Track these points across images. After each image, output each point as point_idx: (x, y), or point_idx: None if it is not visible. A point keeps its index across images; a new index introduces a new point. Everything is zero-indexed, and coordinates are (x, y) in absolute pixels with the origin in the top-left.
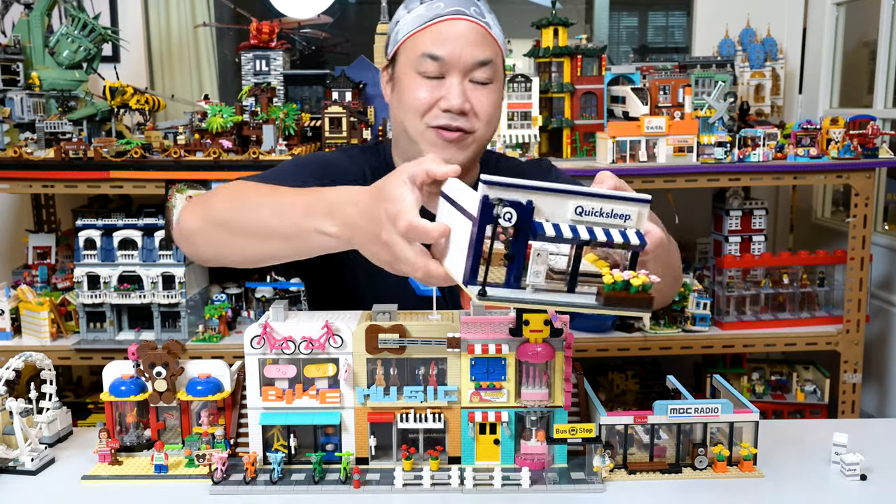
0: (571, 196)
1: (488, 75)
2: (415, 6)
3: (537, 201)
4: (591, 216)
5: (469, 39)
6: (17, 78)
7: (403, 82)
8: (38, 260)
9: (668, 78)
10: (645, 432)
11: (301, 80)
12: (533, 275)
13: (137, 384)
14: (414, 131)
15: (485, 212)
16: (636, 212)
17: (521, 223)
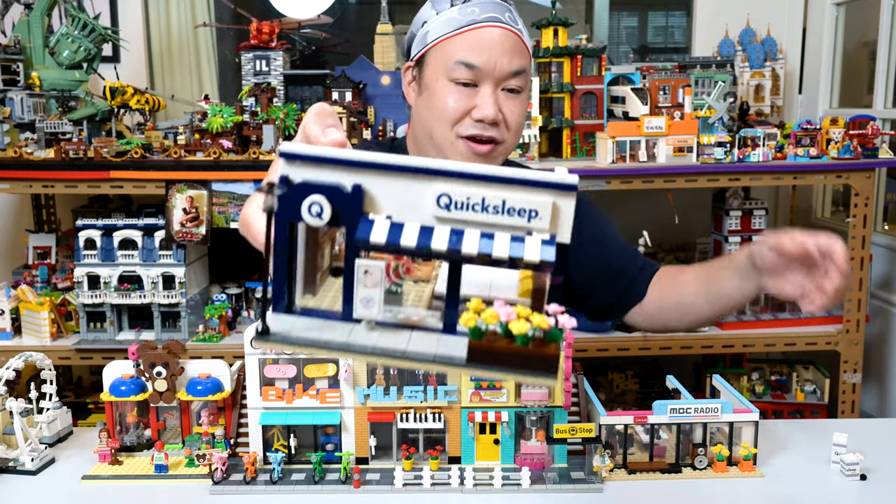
0: (432, 177)
1: (521, 84)
2: (444, 8)
3: (371, 185)
4: (464, 210)
5: (504, 48)
6: (17, 78)
7: (434, 88)
8: (38, 260)
9: (667, 78)
10: (645, 432)
11: (301, 80)
12: (362, 304)
13: (137, 384)
14: (443, 140)
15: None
16: (548, 204)
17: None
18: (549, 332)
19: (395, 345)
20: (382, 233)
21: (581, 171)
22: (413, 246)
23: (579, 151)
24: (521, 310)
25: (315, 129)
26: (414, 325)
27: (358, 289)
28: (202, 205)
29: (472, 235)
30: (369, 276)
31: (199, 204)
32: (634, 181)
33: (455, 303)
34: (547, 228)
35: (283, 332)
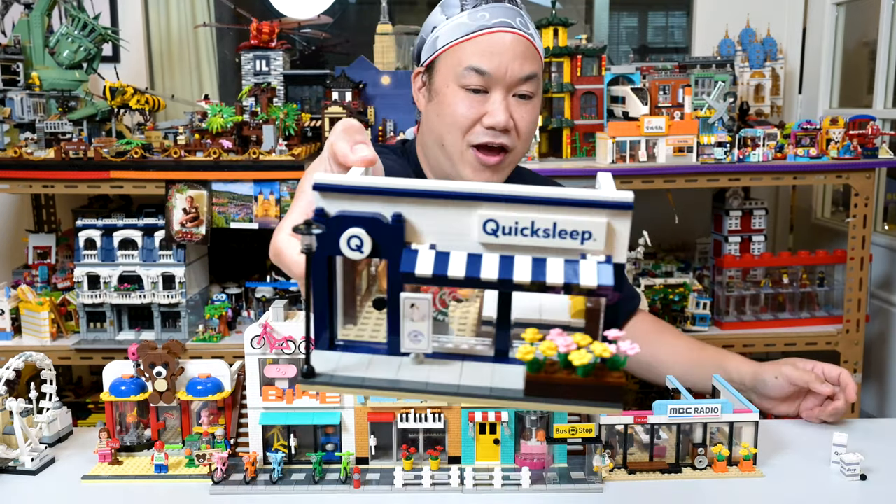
0: (476, 202)
1: (532, 89)
2: (454, 13)
3: (411, 213)
4: (512, 235)
5: (515, 53)
6: (17, 78)
7: (444, 95)
8: (38, 260)
9: (667, 78)
10: (645, 432)
11: (301, 81)
12: (409, 338)
13: (137, 384)
14: (453, 149)
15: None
16: (602, 225)
17: (385, 252)
18: (610, 361)
19: (447, 379)
20: (428, 264)
21: (581, 171)
22: (462, 277)
23: (579, 151)
24: (579, 338)
25: (343, 147)
26: (464, 354)
27: (405, 323)
28: (202, 205)
29: (523, 262)
30: (416, 311)
31: (199, 204)
32: (634, 181)
33: (507, 329)
34: (602, 250)
35: (329, 373)
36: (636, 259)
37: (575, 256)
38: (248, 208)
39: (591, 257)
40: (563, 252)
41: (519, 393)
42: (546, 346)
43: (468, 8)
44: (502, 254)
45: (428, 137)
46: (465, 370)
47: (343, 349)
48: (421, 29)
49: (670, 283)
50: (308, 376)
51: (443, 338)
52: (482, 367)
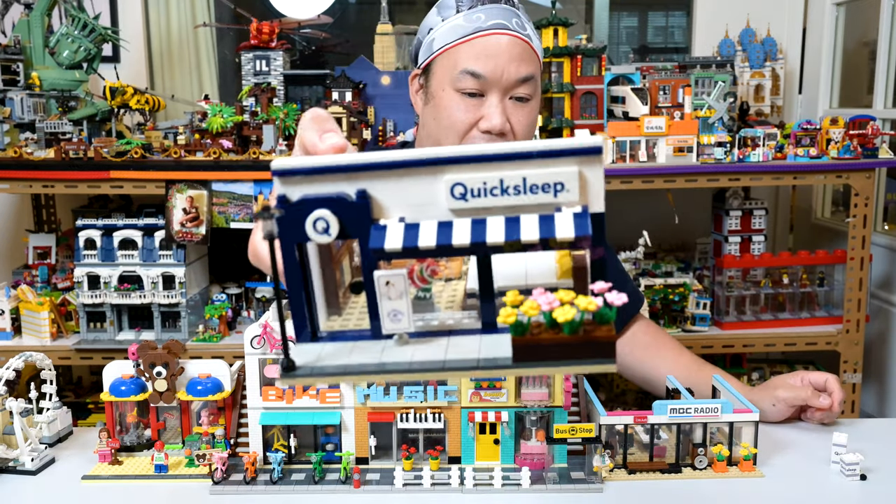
0: (441, 167)
1: (529, 91)
2: (450, 14)
3: (376, 188)
4: (482, 197)
5: (512, 55)
6: (17, 78)
7: (440, 98)
8: (38, 260)
9: (667, 78)
10: (645, 432)
11: (301, 80)
12: (389, 318)
13: (137, 384)
14: None
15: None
16: (574, 174)
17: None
18: (598, 314)
19: (432, 356)
20: (398, 237)
21: None
22: (433, 245)
23: None
24: (563, 294)
25: (312, 136)
26: (450, 329)
27: (382, 303)
28: (202, 205)
29: (496, 223)
30: (392, 288)
31: (199, 204)
32: (634, 181)
33: (490, 298)
34: (577, 200)
35: (310, 364)
36: (636, 259)
37: (550, 211)
38: (249, 208)
39: (567, 209)
40: (537, 208)
41: (507, 360)
42: (528, 305)
43: (464, 9)
44: (474, 217)
45: (425, 141)
46: (451, 345)
47: (326, 340)
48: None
49: (670, 283)
50: (288, 370)
51: (428, 315)
52: (469, 341)
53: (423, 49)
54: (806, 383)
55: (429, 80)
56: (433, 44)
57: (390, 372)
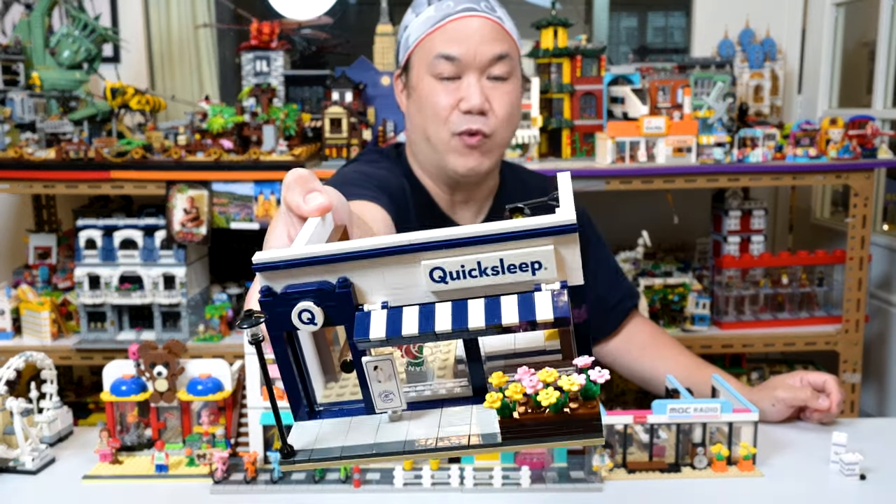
0: (417, 253)
1: (506, 70)
2: (423, 9)
3: (357, 274)
4: (461, 279)
5: (482, 36)
6: (17, 78)
7: (420, 88)
8: (38, 260)
9: (667, 78)
10: (644, 432)
11: (301, 81)
12: (381, 399)
13: (138, 384)
14: (437, 140)
15: (272, 318)
16: (550, 252)
17: (338, 319)
18: (582, 391)
19: (426, 434)
20: (381, 327)
21: (580, 171)
22: (416, 333)
23: (579, 152)
24: (546, 375)
25: (296, 198)
26: (443, 399)
27: (373, 385)
28: (203, 205)
29: (477, 307)
30: (381, 372)
31: (199, 204)
32: (634, 181)
33: (480, 371)
34: (555, 277)
35: (309, 447)
36: (636, 259)
37: (529, 288)
38: (249, 208)
39: (546, 287)
40: (516, 286)
41: (497, 437)
42: (513, 389)
43: (435, 1)
44: (455, 299)
45: (414, 135)
46: (444, 418)
47: (324, 416)
48: None
49: (670, 283)
50: (287, 456)
51: (420, 386)
52: (461, 413)
53: (402, 47)
54: (805, 384)
55: (409, 75)
56: (409, 39)
57: (386, 455)
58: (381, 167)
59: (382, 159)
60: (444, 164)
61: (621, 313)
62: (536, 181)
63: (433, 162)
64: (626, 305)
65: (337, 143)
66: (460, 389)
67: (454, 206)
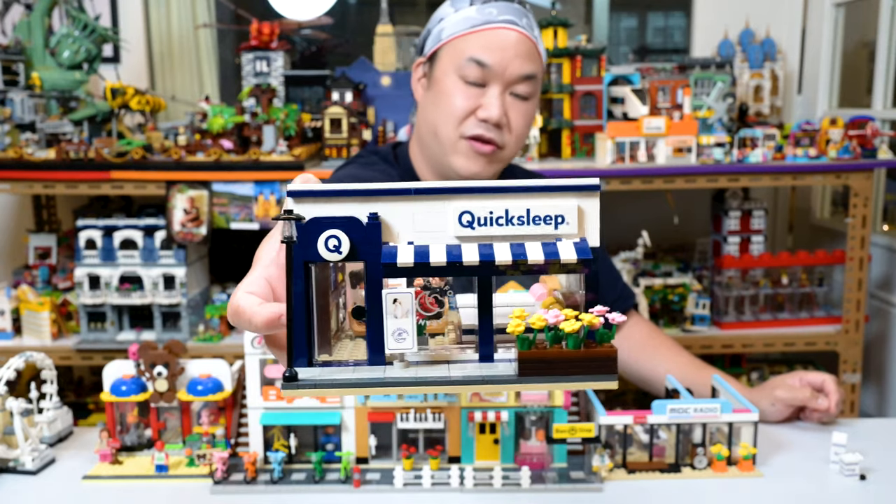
0: (450, 196)
1: (530, 90)
2: (463, 6)
3: (387, 213)
4: (488, 226)
5: (518, 51)
6: (17, 78)
7: (443, 84)
8: (38, 260)
9: (667, 79)
10: (644, 432)
11: (301, 81)
12: (394, 337)
13: (138, 384)
14: (446, 138)
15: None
16: (573, 208)
17: (363, 252)
18: (598, 334)
19: (437, 374)
20: (409, 254)
21: (580, 171)
22: (444, 262)
23: (579, 152)
24: (568, 312)
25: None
26: (448, 359)
27: (388, 321)
28: (203, 205)
29: (503, 246)
30: (399, 306)
31: (199, 204)
32: (634, 182)
33: (489, 327)
34: (576, 233)
35: (313, 378)
36: (636, 259)
37: (551, 241)
38: (249, 209)
39: (567, 240)
40: (538, 238)
41: (513, 376)
42: (536, 318)
43: (477, 3)
44: (480, 242)
45: (423, 127)
46: (453, 369)
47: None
48: (424, 27)
49: (670, 284)
50: (290, 380)
51: (425, 347)
52: (469, 366)
53: (432, 37)
54: (804, 384)
55: (434, 67)
56: (442, 32)
57: (395, 385)
58: (377, 169)
59: (378, 161)
60: (447, 163)
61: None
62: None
63: (437, 158)
64: (624, 305)
65: (337, 144)
66: (466, 353)
67: None
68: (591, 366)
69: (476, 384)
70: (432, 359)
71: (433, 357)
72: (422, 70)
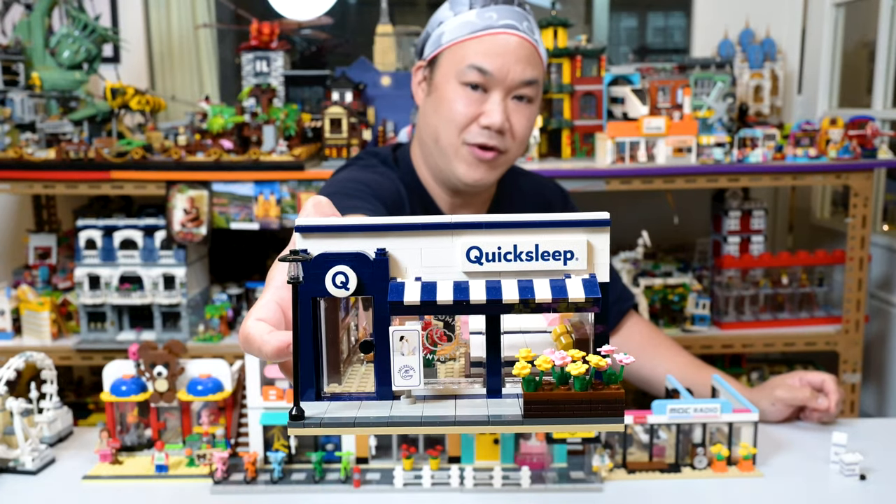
0: (457, 231)
1: (531, 94)
2: (462, 10)
3: (394, 248)
4: (496, 262)
5: (519, 56)
6: (17, 78)
7: (444, 90)
8: (38, 260)
9: (667, 79)
10: (644, 432)
11: (301, 81)
12: (400, 374)
13: (138, 384)
14: (447, 144)
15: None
16: (582, 243)
17: (370, 288)
18: (606, 374)
19: (443, 413)
20: (416, 292)
21: (580, 171)
22: (450, 301)
23: (579, 152)
24: (574, 353)
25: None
26: (456, 394)
27: (395, 358)
28: (203, 205)
29: (510, 284)
30: (405, 343)
31: (199, 204)
32: (634, 182)
33: (497, 362)
34: (585, 268)
35: (319, 415)
36: (636, 259)
37: (560, 276)
38: (249, 209)
39: (575, 276)
40: (547, 274)
41: (518, 417)
42: (542, 360)
43: (477, 6)
44: (488, 279)
45: (424, 132)
46: (459, 406)
47: (330, 400)
48: (424, 27)
49: (670, 284)
50: (297, 418)
51: (433, 380)
52: (476, 403)
53: (432, 41)
54: (804, 384)
55: (434, 73)
56: (442, 37)
57: (401, 424)
58: (377, 172)
59: (378, 164)
60: (449, 169)
61: (618, 314)
62: (532, 184)
63: (438, 164)
64: (623, 306)
65: (337, 144)
66: (473, 388)
67: (453, 208)
68: (598, 408)
69: (481, 425)
70: (440, 393)
71: (440, 392)
72: (422, 74)
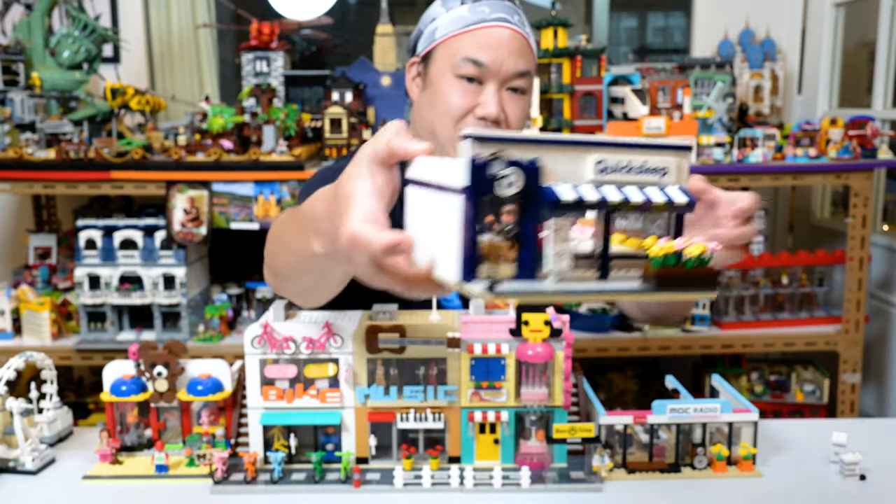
0: (589, 148)
1: (524, 85)
2: (454, 6)
3: (545, 158)
4: (616, 173)
5: (511, 49)
6: (17, 78)
7: (439, 84)
8: (38, 260)
9: (667, 79)
10: (644, 432)
11: (301, 81)
12: (555, 258)
13: (138, 384)
14: (445, 136)
15: (477, 177)
16: (674, 163)
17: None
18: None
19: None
20: (570, 193)
21: None
22: (595, 200)
23: None
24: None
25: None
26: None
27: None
28: (203, 205)
29: (633, 190)
30: (559, 234)
31: (199, 204)
32: None
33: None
34: (675, 182)
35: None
36: None
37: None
38: (249, 209)
39: (671, 186)
40: (649, 184)
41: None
42: (669, 245)
43: (468, 2)
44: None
45: (420, 127)
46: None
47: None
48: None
49: None
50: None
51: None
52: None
53: (425, 37)
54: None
55: (428, 68)
56: (435, 32)
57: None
58: None
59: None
60: None
61: None
62: None
63: (435, 155)
64: None
65: (337, 144)
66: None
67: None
68: (702, 280)
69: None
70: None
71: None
72: (416, 70)
